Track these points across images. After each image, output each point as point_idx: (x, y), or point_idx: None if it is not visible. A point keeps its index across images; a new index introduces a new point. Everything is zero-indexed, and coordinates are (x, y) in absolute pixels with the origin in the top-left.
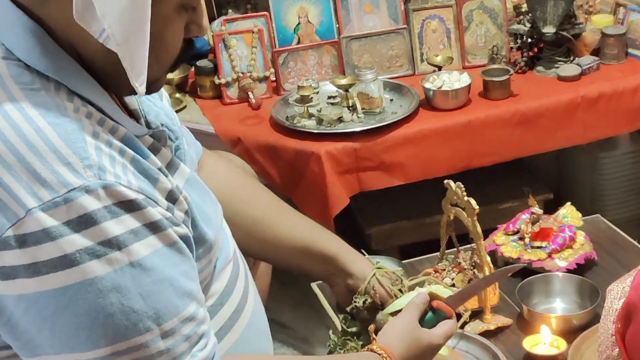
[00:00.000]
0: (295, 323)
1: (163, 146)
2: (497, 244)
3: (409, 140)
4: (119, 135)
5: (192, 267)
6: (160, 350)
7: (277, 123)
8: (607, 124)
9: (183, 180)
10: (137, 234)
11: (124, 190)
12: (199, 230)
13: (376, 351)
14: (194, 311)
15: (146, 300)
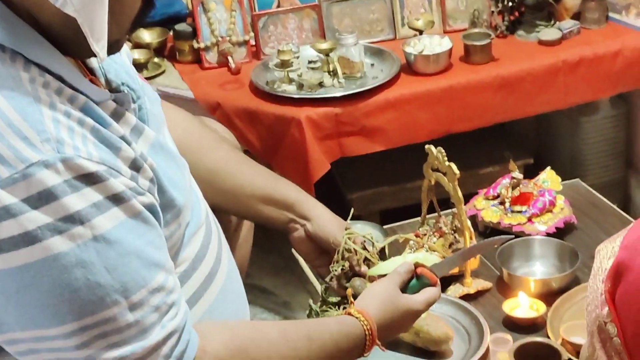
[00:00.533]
0: (276, 288)
1: (126, 110)
2: (478, 209)
3: (390, 105)
4: (78, 104)
5: (158, 235)
6: (129, 322)
7: (257, 88)
8: (588, 88)
9: (147, 145)
10: (100, 207)
11: (84, 162)
12: (167, 196)
13: (353, 314)
14: (162, 281)
15: (112, 273)
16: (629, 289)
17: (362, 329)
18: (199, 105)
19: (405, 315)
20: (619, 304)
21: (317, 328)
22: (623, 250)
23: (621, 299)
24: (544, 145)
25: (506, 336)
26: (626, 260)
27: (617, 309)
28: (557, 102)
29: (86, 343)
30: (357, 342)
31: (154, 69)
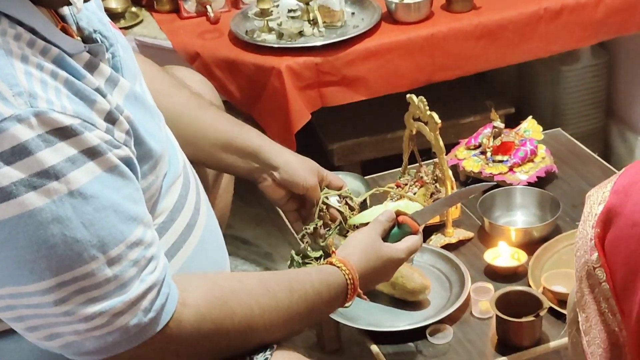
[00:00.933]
0: (257, 239)
1: (100, 61)
2: (459, 159)
3: (371, 55)
4: (50, 56)
5: (135, 189)
6: (107, 277)
7: (236, 37)
8: (569, 36)
9: (122, 96)
10: (75, 162)
11: (58, 116)
12: (144, 147)
13: (335, 264)
14: (140, 235)
15: (89, 228)
16: (619, 234)
17: (344, 279)
18: (178, 55)
19: (386, 263)
20: (608, 249)
21: (299, 278)
22: (613, 196)
23: (610, 244)
24: (525, 94)
25: (487, 285)
26: (616, 206)
27: (607, 254)
28: (538, 51)
29: (64, 299)
30: (338, 292)
31: (131, 18)
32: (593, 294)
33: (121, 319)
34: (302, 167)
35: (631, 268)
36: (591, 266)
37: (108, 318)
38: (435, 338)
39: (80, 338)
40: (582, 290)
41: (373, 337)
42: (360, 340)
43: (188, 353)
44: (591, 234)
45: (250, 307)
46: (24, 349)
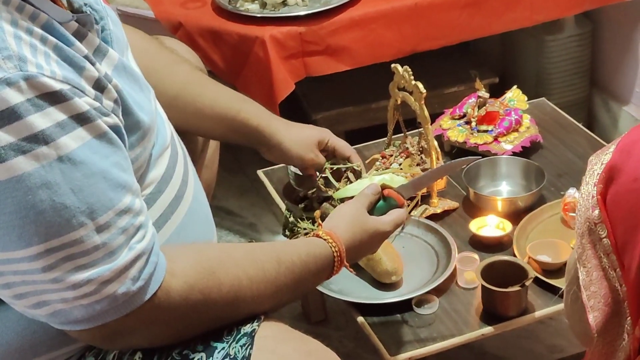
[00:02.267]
0: (242, 210)
1: (89, 31)
2: (444, 129)
3: (355, 24)
4: (40, 21)
5: (124, 157)
6: (96, 244)
7: (219, 7)
8: (554, 5)
9: (111, 66)
10: (64, 127)
11: (48, 81)
12: (132, 118)
13: (322, 236)
14: (129, 203)
15: (78, 195)
16: (620, 190)
17: (331, 251)
18: (160, 25)
19: (372, 236)
20: (609, 205)
21: (286, 250)
22: (616, 154)
23: (612, 200)
24: (509, 64)
25: (473, 255)
26: (618, 163)
27: (608, 210)
28: (523, 20)
29: (52, 265)
30: (325, 264)
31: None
32: (594, 250)
33: (109, 287)
34: (297, 145)
35: (632, 222)
36: (592, 222)
37: (96, 286)
38: (421, 308)
39: (68, 306)
40: (584, 246)
41: (359, 309)
42: (345, 310)
43: (176, 323)
44: (593, 191)
45: (238, 277)
46: (11, 319)
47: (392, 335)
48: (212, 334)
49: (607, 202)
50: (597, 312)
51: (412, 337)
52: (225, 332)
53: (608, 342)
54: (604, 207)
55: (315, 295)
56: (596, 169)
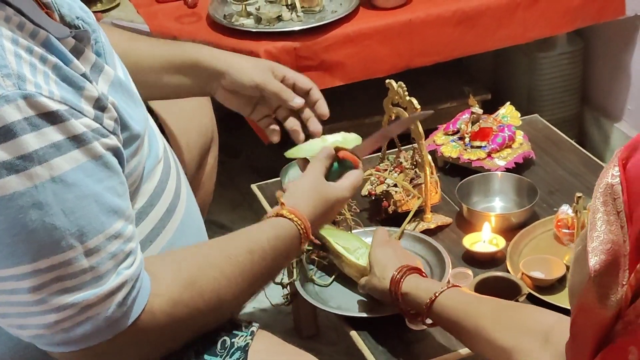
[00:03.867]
0: (234, 224)
1: (85, 47)
2: (438, 144)
3: (349, 40)
4: (39, 39)
5: (120, 183)
6: (83, 268)
7: (214, 22)
8: (547, 23)
9: (108, 83)
10: (60, 148)
11: (46, 101)
12: (128, 131)
13: (286, 216)
14: (120, 228)
15: (69, 216)
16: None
17: (297, 229)
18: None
19: (334, 204)
20: (629, 169)
21: (255, 238)
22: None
23: (633, 164)
24: (501, 81)
25: (466, 271)
26: None
27: (627, 173)
28: (516, 37)
29: (39, 286)
30: (293, 242)
31: (108, 1)
32: (606, 207)
33: (92, 311)
34: (250, 66)
35: None
36: (610, 184)
37: (79, 309)
38: (413, 323)
39: (50, 332)
40: (596, 204)
41: (352, 323)
42: (337, 325)
43: (164, 340)
44: (615, 160)
45: (217, 280)
46: (2, 334)
47: (384, 351)
48: (206, 348)
49: (627, 168)
50: (597, 257)
51: (404, 352)
52: (219, 346)
53: (603, 290)
54: (623, 171)
55: (306, 310)
56: (619, 153)
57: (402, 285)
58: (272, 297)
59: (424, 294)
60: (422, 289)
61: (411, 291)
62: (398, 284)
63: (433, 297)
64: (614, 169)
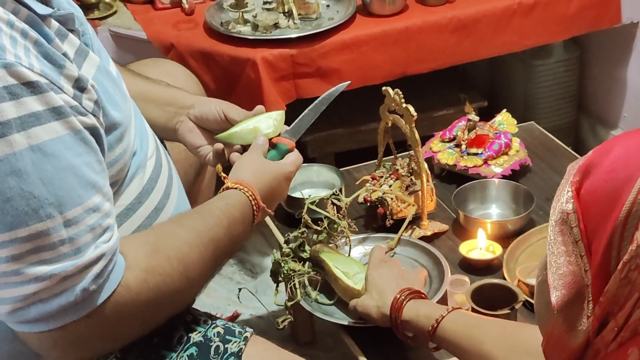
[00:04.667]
0: None
1: (70, 31)
2: (434, 151)
3: (346, 47)
4: (22, 16)
5: (97, 160)
6: (62, 238)
7: (211, 29)
8: (543, 31)
9: (93, 68)
10: (39, 118)
11: (26, 71)
12: (109, 117)
13: (232, 187)
14: (98, 202)
15: (47, 186)
16: (595, 181)
17: (245, 196)
18: (152, 46)
19: (279, 177)
20: (583, 197)
21: (207, 209)
22: (594, 153)
23: (586, 191)
24: (498, 88)
25: (463, 278)
26: (596, 160)
27: (581, 201)
28: (512, 45)
29: (17, 256)
30: (245, 209)
31: (105, 9)
32: (564, 237)
33: (68, 282)
34: (217, 101)
35: (603, 211)
36: (565, 213)
37: (57, 281)
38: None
39: (26, 303)
40: (555, 234)
41: (348, 331)
42: (334, 332)
43: (142, 314)
44: (568, 185)
45: (179, 247)
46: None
47: (380, 358)
48: (200, 353)
49: (581, 194)
50: (559, 292)
51: (400, 359)
52: (212, 352)
53: (568, 322)
54: (577, 199)
55: (303, 317)
56: (573, 170)
57: (402, 312)
58: (267, 304)
59: (426, 320)
60: (422, 315)
61: (412, 319)
62: (399, 311)
63: (435, 324)
64: (568, 193)
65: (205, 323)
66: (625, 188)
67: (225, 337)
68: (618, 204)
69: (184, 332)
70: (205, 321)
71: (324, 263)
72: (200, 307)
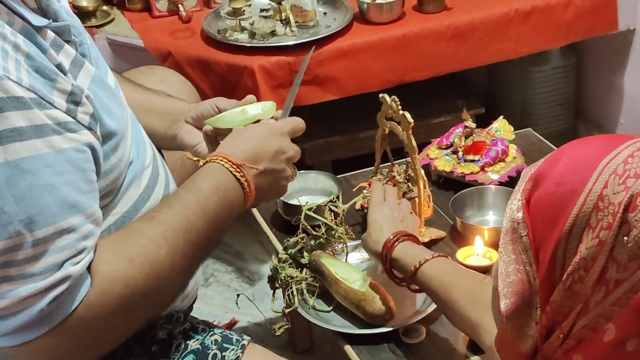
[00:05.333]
0: (228, 238)
1: (66, 42)
2: (431, 158)
3: (343, 54)
4: (16, 27)
5: (85, 180)
6: (28, 257)
7: (208, 37)
8: (539, 38)
9: (88, 78)
10: (20, 134)
11: (12, 85)
12: (105, 127)
13: (201, 165)
14: (76, 223)
15: (19, 203)
16: (543, 193)
17: (215, 163)
18: (150, 54)
19: (261, 133)
20: (532, 206)
21: (173, 196)
22: (544, 163)
23: (535, 202)
24: (495, 95)
25: None
26: (545, 170)
27: (530, 211)
28: (509, 52)
29: None
30: (218, 176)
31: (102, 17)
32: (514, 246)
33: (28, 302)
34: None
35: (550, 221)
36: (516, 222)
37: (18, 301)
38: (408, 337)
39: None
40: (505, 243)
41: (346, 338)
42: (332, 339)
43: (112, 324)
44: (519, 195)
45: (143, 246)
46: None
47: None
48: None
49: (531, 205)
50: (508, 300)
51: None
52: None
53: (517, 328)
54: (527, 209)
55: (301, 324)
56: (525, 177)
57: (393, 251)
58: (265, 311)
59: (411, 260)
60: (410, 255)
61: (400, 258)
62: (390, 250)
63: (417, 265)
64: (518, 202)
65: (203, 331)
66: (569, 201)
67: (223, 345)
68: (563, 216)
69: (181, 340)
70: (203, 329)
71: (323, 267)
72: (198, 315)
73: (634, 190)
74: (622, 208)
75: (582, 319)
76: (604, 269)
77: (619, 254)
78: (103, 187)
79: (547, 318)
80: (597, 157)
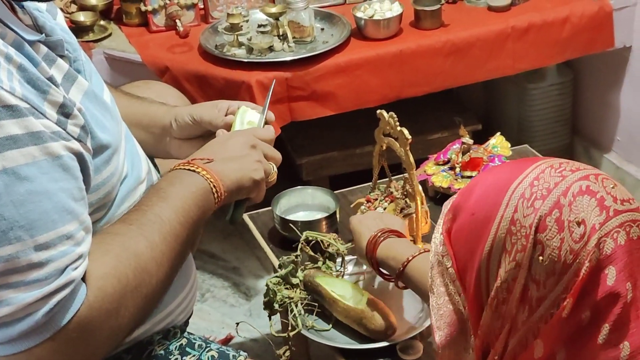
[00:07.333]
0: (225, 253)
1: (60, 56)
2: (428, 174)
3: (340, 70)
4: (8, 39)
5: (77, 188)
6: (31, 262)
7: (206, 52)
8: (536, 54)
9: (81, 93)
10: (16, 142)
11: (5, 94)
12: (96, 140)
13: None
14: (73, 230)
15: (19, 209)
16: (461, 223)
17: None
18: (147, 69)
19: (224, 136)
20: (453, 238)
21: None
22: (460, 195)
23: (455, 234)
24: (492, 111)
25: None
26: (461, 203)
27: (452, 243)
28: (505, 68)
29: None
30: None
31: (100, 31)
32: (442, 278)
33: (33, 307)
34: (201, 105)
35: (469, 249)
36: (440, 255)
37: (23, 307)
38: (405, 353)
39: None
40: (433, 276)
41: (344, 354)
42: (329, 355)
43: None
44: (440, 229)
45: (121, 242)
46: None
47: None
48: None
49: (452, 236)
50: (442, 332)
51: None
52: None
53: (455, 354)
54: (448, 241)
55: (298, 340)
56: (445, 210)
57: (376, 254)
58: (261, 327)
59: (394, 263)
60: (391, 257)
61: (384, 260)
62: (373, 253)
63: (401, 267)
64: (440, 236)
65: (199, 347)
66: (485, 228)
67: None
68: (480, 243)
69: (178, 356)
70: (200, 345)
71: (320, 287)
72: (195, 331)
73: (542, 212)
74: (533, 230)
75: (513, 338)
76: (525, 288)
77: (536, 273)
78: (95, 201)
79: (479, 341)
80: (505, 182)
